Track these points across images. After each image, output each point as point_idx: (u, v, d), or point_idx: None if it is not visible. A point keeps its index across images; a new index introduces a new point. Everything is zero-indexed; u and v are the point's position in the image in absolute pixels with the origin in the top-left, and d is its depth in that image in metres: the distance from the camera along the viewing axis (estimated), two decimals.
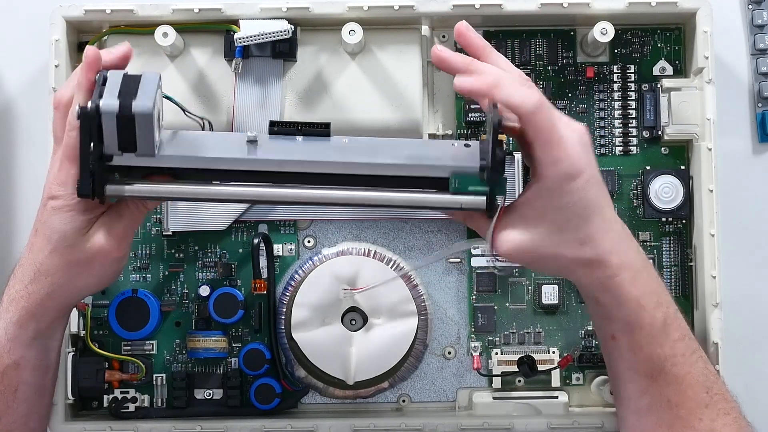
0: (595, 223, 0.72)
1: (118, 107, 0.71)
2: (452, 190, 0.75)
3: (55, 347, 0.79)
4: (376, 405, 0.93)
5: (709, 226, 0.89)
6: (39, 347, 0.77)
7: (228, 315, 0.91)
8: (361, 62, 0.91)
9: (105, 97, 0.71)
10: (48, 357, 0.79)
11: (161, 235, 0.93)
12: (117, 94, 0.71)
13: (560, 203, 0.71)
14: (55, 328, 0.78)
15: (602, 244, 0.73)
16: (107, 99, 0.71)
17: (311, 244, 0.94)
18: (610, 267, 0.73)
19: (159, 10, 0.90)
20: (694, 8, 0.90)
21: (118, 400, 0.91)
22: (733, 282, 0.92)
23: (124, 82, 0.72)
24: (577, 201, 0.71)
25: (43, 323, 0.76)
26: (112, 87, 0.72)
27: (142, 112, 0.71)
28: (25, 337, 0.76)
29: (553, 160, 0.71)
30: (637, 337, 0.74)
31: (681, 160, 0.94)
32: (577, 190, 0.71)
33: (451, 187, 0.75)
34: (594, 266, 0.73)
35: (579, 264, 0.73)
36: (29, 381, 0.77)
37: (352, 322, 0.91)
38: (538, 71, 0.95)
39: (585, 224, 0.72)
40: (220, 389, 0.92)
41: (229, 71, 0.91)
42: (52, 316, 0.77)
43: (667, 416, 0.74)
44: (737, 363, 0.93)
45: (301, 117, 0.91)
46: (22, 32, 0.97)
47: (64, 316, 0.79)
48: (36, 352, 0.77)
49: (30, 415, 0.78)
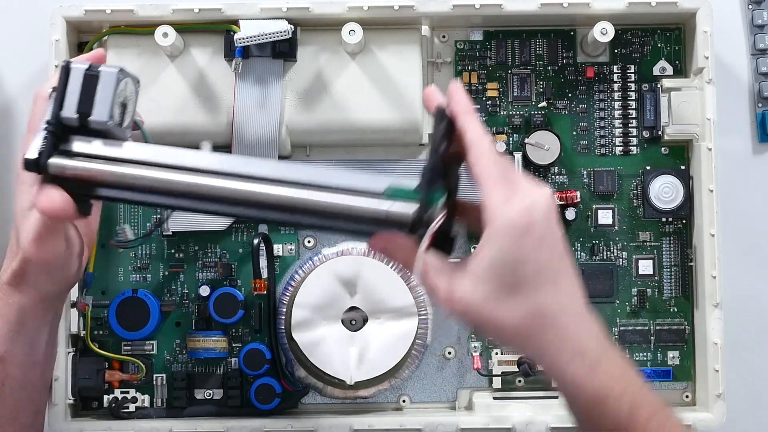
0: (547, 296, 0.62)
1: (88, 66, 0.72)
2: (384, 196, 0.67)
3: (42, 342, 0.78)
4: (376, 405, 0.93)
5: (709, 226, 0.89)
6: (24, 342, 0.76)
7: (228, 315, 0.91)
8: (361, 62, 0.91)
9: (74, 62, 0.72)
10: (35, 352, 0.78)
11: (161, 235, 0.93)
12: (86, 67, 0.73)
13: (508, 257, 0.61)
14: (40, 321, 0.77)
15: (553, 324, 0.62)
16: (77, 64, 0.72)
17: (311, 244, 0.94)
18: (560, 355, 0.62)
19: (159, 10, 0.90)
20: (694, 8, 0.91)
21: (118, 400, 0.91)
22: (733, 282, 0.92)
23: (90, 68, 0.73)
24: (527, 260, 0.61)
25: (25, 317, 0.76)
26: (81, 62, 0.73)
27: (108, 71, 0.72)
28: (8, 332, 0.75)
29: (504, 199, 0.61)
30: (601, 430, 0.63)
31: (681, 160, 0.94)
32: (529, 248, 0.61)
33: (384, 193, 0.67)
34: (541, 350, 0.63)
35: (523, 341, 0.63)
36: (16, 376, 0.76)
37: (352, 322, 0.91)
38: (538, 71, 0.95)
39: (534, 294, 0.61)
40: (220, 389, 0.92)
41: (229, 71, 0.91)
42: (34, 309, 0.76)
43: None
44: (737, 363, 0.93)
45: (301, 117, 0.91)
46: (22, 32, 0.97)
47: (47, 309, 0.77)
48: (21, 346, 0.76)
49: (19, 410, 0.78)
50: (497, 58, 0.95)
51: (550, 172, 0.94)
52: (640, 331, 0.93)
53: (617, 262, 0.94)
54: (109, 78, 0.72)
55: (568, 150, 0.94)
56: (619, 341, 0.93)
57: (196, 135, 0.88)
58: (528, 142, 0.92)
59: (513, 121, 0.94)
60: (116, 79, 0.72)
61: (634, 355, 0.93)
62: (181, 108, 0.91)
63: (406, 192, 0.66)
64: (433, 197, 0.65)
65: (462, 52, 0.95)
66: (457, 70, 0.94)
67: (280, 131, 0.90)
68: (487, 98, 0.94)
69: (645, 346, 0.93)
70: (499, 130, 0.94)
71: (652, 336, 0.93)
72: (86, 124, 0.72)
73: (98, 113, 0.72)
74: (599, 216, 0.93)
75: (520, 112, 0.94)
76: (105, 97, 0.72)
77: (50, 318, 0.78)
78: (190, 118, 0.91)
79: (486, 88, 0.94)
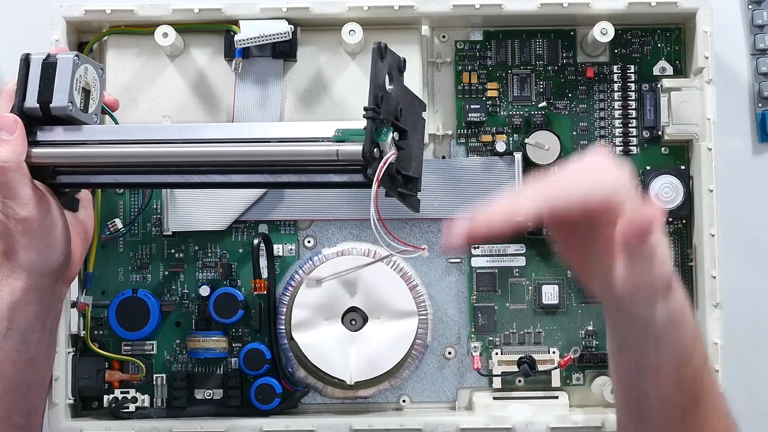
0: None
1: (46, 56, 0.74)
2: (334, 139, 0.69)
3: (34, 339, 0.77)
4: (376, 405, 0.93)
5: (709, 226, 0.89)
6: (16, 339, 0.76)
7: (228, 315, 0.91)
8: (361, 62, 0.91)
9: (34, 54, 0.74)
10: (29, 349, 0.77)
11: (161, 235, 0.93)
12: (44, 57, 0.74)
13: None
14: (32, 317, 0.77)
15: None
16: (36, 55, 0.74)
17: (311, 244, 0.94)
18: (679, 293, 0.64)
19: (159, 10, 0.90)
20: (694, 8, 0.90)
21: (118, 400, 0.91)
22: (733, 282, 0.92)
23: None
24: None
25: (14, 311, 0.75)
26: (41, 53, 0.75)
27: (63, 57, 0.74)
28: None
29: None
30: (688, 367, 0.65)
31: (681, 160, 0.94)
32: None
33: (334, 137, 0.69)
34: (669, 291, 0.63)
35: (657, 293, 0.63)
36: (10, 374, 0.76)
37: (352, 322, 0.91)
38: (538, 71, 0.95)
39: None
40: (220, 389, 0.92)
41: (229, 71, 0.91)
42: (24, 299, 0.76)
43: None
44: (737, 363, 0.93)
45: (301, 117, 0.91)
46: (22, 32, 0.97)
47: (37, 301, 0.76)
48: (14, 343, 0.76)
49: (13, 410, 0.77)
50: (497, 58, 0.95)
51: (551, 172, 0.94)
52: None
53: None
54: (65, 64, 0.74)
55: (569, 150, 0.94)
56: None
57: None
58: (528, 142, 0.92)
59: (513, 121, 0.94)
60: (72, 64, 0.73)
61: None
62: (181, 108, 0.91)
63: (354, 132, 0.68)
64: (379, 132, 0.67)
65: (462, 52, 0.95)
66: (457, 70, 0.94)
67: None
68: (487, 98, 0.94)
69: None
70: (499, 130, 0.94)
71: None
72: (48, 112, 0.73)
73: (58, 99, 0.73)
74: None
75: (520, 112, 0.94)
76: (63, 83, 0.73)
77: (43, 314, 0.77)
78: (190, 118, 0.91)
79: (486, 88, 0.94)
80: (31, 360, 0.77)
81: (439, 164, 0.92)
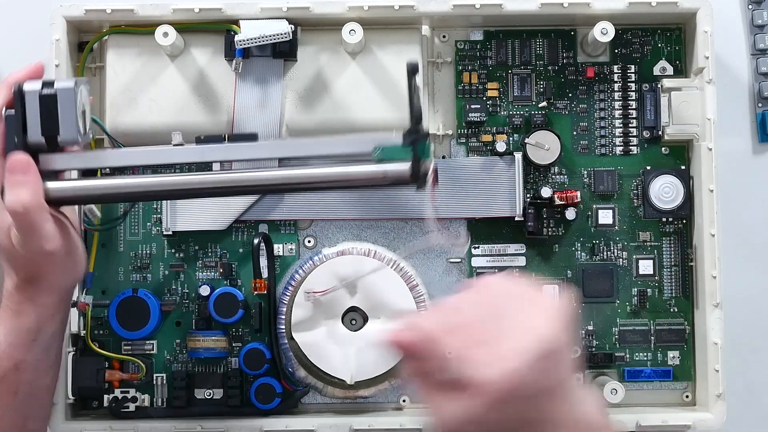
0: None
1: (42, 86, 0.73)
2: (375, 159, 0.71)
3: (55, 347, 0.79)
4: (376, 405, 0.93)
5: (709, 226, 0.89)
6: (39, 348, 0.77)
7: (228, 315, 0.91)
8: (361, 62, 0.91)
9: (27, 85, 0.73)
10: (48, 357, 0.78)
11: (161, 235, 0.93)
12: (40, 88, 0.73)
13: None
14: (57, 326, 0.78)
15: None
16: (29, 86, 0.73)
17: (311, 244, 0.94)
18: None
19: (159, 9, 0.90)
20: (694, 8, 0.91)
21: (118, 400, 0.91)
22: (733, 282, 0.92)
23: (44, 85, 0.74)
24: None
25: (43, 323, 0.76)
26: (33, 82, 0.74)
27: (64, 88, 0.72)
28: (25, 340, 0.76)
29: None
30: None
31: (681, 160, 0.94)
32: None
33: (374, 156, 0.71)
34: None
35: None
36: (29, 382, 0.77)
37: (352, 322, 0.91)
38: (538, 71, 0.95)
39: None
40: (220, 389, 0.92)
41: (230, 71, 0.91)
42: (53, 311, 0.77)
43: None
44: (737, 363, 0.93)
45: (301, 116, 0.91)
46: (22, 32, 0.97)
47: (63, 309, 0.79)
48: (36, 353, 0.77)
49: (29, 417, 0.78)
50: (497, 58, 0.95)
51: (551, 172, 0.94)
52: (641, 331, 0.93)
53: (617, 262, 0.94)
54: (67, 95, 0.72)
55: (569, 150, 0.94)
56: (619, 341, 0.93)
57: (196, 135, 0.88)
58: (528, 142, 0.92)
59: (513, 121, 0.94)
60: (74, 94, 0.72)
61: (634, 356, 0.93)
62: (181, 108, 0.91)
63: (395, 150, 0.70)
64: (421, 149, 0.69)
65: (462, 52, 0.95)
66: (457, 70, 0.94)
67: (280, 131, 0.90)
68: (487, 98, 0.94)
69: (645, 346, 0.93)
70: (499, 130, 0.94)
71: (652, 336, 0.93)
72: (55, 143, 0.72)
73: (67, 132, 0.73)
74: (599, 216, 0.93)
75: (520, 112, 0.94)
76: (69, 115, 0.72)
77: (64, 323, 0.79)
78: (190, 118, 0.91)
79: (486, 88, 0.94)
80: (50, 366, 0.78)
81: (439, 164, 0.92)
